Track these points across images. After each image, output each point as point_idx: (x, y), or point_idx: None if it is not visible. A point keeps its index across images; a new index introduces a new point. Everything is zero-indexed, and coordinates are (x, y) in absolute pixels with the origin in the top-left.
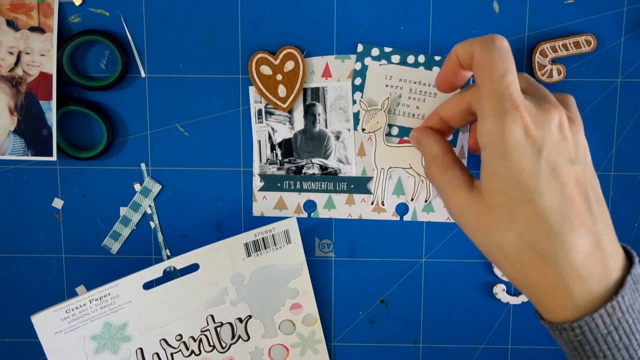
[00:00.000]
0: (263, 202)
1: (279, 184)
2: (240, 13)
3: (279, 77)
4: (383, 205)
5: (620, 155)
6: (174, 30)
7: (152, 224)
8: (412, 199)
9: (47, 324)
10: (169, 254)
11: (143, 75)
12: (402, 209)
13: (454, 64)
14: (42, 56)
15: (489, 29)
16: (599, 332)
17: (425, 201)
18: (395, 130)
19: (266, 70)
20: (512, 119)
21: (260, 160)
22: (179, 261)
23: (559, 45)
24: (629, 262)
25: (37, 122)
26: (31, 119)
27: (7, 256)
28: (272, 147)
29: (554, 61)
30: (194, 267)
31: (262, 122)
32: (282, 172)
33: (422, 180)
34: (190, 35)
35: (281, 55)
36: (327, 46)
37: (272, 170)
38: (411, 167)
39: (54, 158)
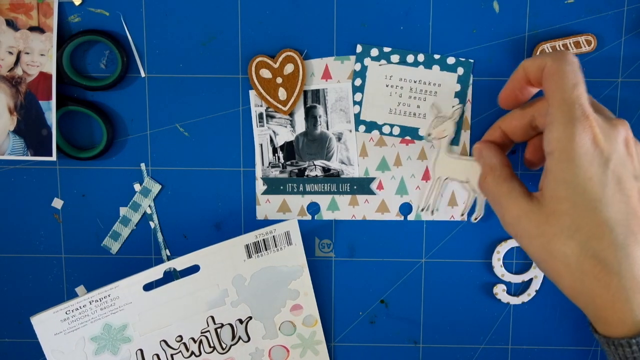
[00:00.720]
0: (266, 206)
1: (282, 187)
2: (240, 13)
3: (279, 80)
4: (432, 214)
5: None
6: (173, 30)
7: (152, 224)
8: (462, 214)
9: (46, 325)
10: (168, 254)
11: (143, 75)
12: (405, 209)
13: (521, 78)
14: (42, 56)
15: (489, 29)
16: None
17: (475, 219)
18: (396, 130)
19: (266, 73)
20: (582, 127)
21: (263, 164)
22: (180, 262)
23: (559, 45)
24: None
25: (36, 122)
26: (31, 119)
27: (6, 256)
28: (274, 150)
29: None
30: (194, 269)
31: (263, 126)
32: (285, 175)
33: (475, 196)
34: (190, 35)
35: (280, 59)
36: (326, 47)
37: (275, 173)
38: (468, 182)
39: (53, 158)
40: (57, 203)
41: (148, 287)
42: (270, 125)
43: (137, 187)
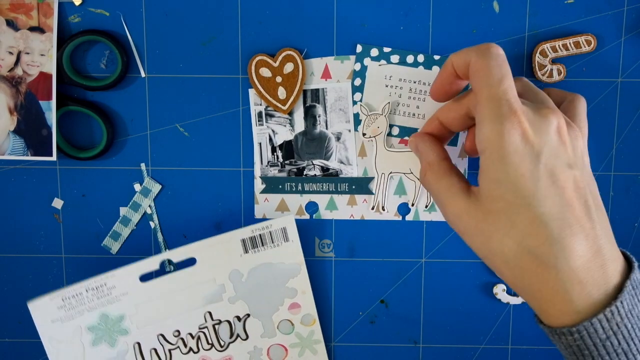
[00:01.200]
0: (265, 205)
1: (280, 186)
2: (240, 13)
3: (279, 79)
4: (384, 210)
5: (620, 155)
6: (173, 30)
7: (152, 224)
8: (412, 204)
9: (43, 311)
10: None
11: (143, 75)
12: (404, 208)
13: (450, 73)
14: (42, 56)
15: (489, 29)
16: (598, 337)
17: (426, 206)
18: (395, 130)
19: (266, 72)
20: (511, 125)
21: (262, 163)
22: (176, 254)
23: (559, 45)
24: (629, 268)
25: (37, 122)
26: (31, 119)
27: (6, 256)
28: (273, 149)
29: (554, 61)
30: (191, 262)
31: (262, 125)
32: (284, 174)
33: (421, 185)
34: (190, 35)
35: (280, 57)
36: (326, 47)
37: (274, 172)
38: (412, 172)
39: (53, 158)
40: (57, 203)
41: (145, 279)
42: (269, 124)
43: (137, 187)
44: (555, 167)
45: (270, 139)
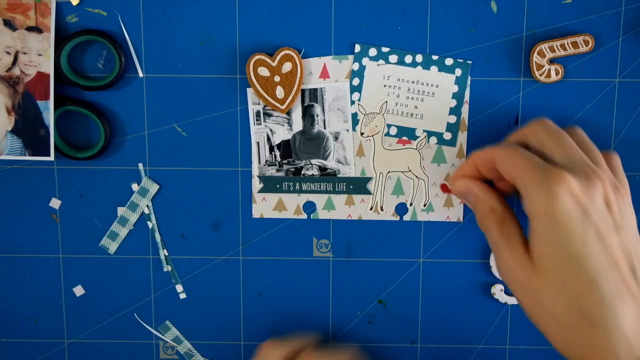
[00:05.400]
0: (262, 204)
1: (278, 186)
2: (237, 13)
3: (277, 78)
4: (382, 210)
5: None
6: (171, 30)
7: (149, 224)
8: (410, 204)
9: None
10: (166, 253)
11: (140, 75)
12: (401, 209)
13: (472, 170)
14: (40, 56)
15: (486, 29)
16: None
17: (424, 205)
18: (393, 130)
19: (264, 71)
20: (558, 187)
21: (259, 162)
22: None
23: (556, 45)
24: None
25: (34, 122)
26: (29, 119)
27: (4, 256)
28: (271, 149)
29: (552, 61)
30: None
31: (260, 124)
32: (281, 174)
33: (420, 183)
34: (187, 35)
35: (279, 57)
36: (324, 46)
37: (271, 171)
38: (410, 171)
39: (51, 158)
40: (55, 203)
41: None
42: (267, 123)
43: (134, 187)
44: (601, 229)
45: (268, 138)
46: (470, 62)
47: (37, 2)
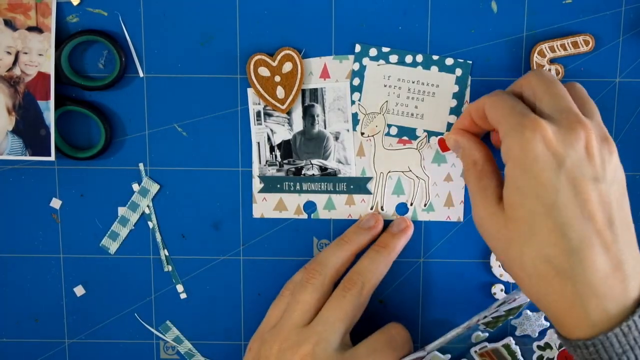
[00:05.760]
0: (263, 204)
1: (278, 186)
2: (238, 12)
3: (277, 78)
4: (382, 210)
5: (619, 155)
6: (172, 30)
7: (150, 224)
8: (410, 204)
9: None
10: (167, 253)
11: (141, 75)
12: (402, 208)
13: (468, 122)
14: (40, 56)
15: (487, 29)
16: (614, 351)
17: (425, 205)
18: (394, 130)
19: (264, 72)
20: (532, 134)
21: (260, 162)
22: None
23: (557, 45)
24: None
25: (35, 122)
26: (29, 119)
27: (4, 256)
28: (272, 149)
29: (552, 61)
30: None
31: (261, 124)
32: (282, 174)
33: (420, 183)
34: (188, 35)
35: (279, 57)
36: (325, 47)
37: (272, 171)
38: (410, 171)
39: (52, 158)
40: (56, 203)
41: None
42: (267, 123)
43: (135, 187)
44: (577, 178)
45: (269, 138)
46: (470, 62)
47: (38, 2)
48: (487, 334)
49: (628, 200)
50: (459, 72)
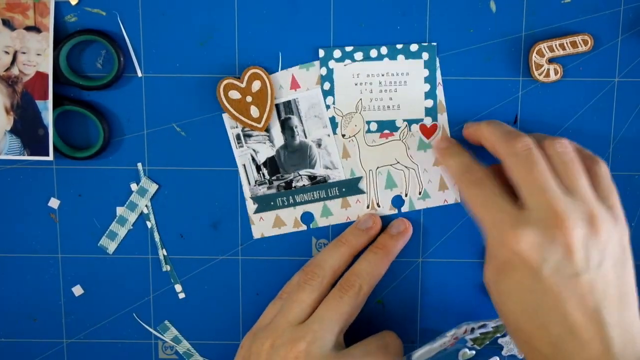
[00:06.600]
0: (261, 224)
1: (272, 203)
2: (237, 12)
3: (249, 98)
4: (379, 206)
5: (617, 155)
6: (170, 30)
7: (148, 224)
8: (405, 194)
9: None
10: (165, 253)
11: (139, 74)
12: (398, 201)
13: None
14: (38, 56)
15: (486, 29)
16: None
17: (420, 193)
18: (374, 126)
19: (235, 94)
20: (508, 250)
21: (249, 183)
22: None
23: (555, 45)
24: None
25: (33, 122)
26: (27, 119)
27: (3, 256)
28: (258, 168)
29: (551, 61)
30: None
31: (242, 146)
32: (273, 190)
33: (410, 172)
34: (187, 34)
35: (246, 77)
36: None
37: (263, 190)
38: (398, 162)
39: (50, 158)
40: (54, 203)
41: None
42: (249, 144)
43: (133, 186)
44: (556, 283)
45: (253, 159)
46: (435, 43)
47: (36, 2)
48: (474, 352)
49: (630, 263)
50: (425, 56)
